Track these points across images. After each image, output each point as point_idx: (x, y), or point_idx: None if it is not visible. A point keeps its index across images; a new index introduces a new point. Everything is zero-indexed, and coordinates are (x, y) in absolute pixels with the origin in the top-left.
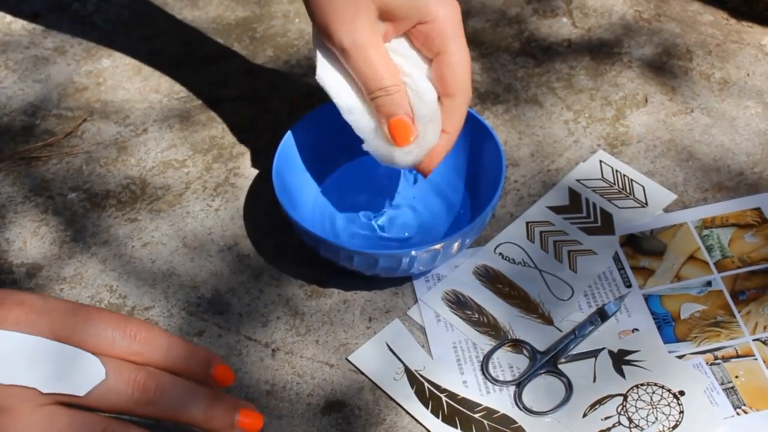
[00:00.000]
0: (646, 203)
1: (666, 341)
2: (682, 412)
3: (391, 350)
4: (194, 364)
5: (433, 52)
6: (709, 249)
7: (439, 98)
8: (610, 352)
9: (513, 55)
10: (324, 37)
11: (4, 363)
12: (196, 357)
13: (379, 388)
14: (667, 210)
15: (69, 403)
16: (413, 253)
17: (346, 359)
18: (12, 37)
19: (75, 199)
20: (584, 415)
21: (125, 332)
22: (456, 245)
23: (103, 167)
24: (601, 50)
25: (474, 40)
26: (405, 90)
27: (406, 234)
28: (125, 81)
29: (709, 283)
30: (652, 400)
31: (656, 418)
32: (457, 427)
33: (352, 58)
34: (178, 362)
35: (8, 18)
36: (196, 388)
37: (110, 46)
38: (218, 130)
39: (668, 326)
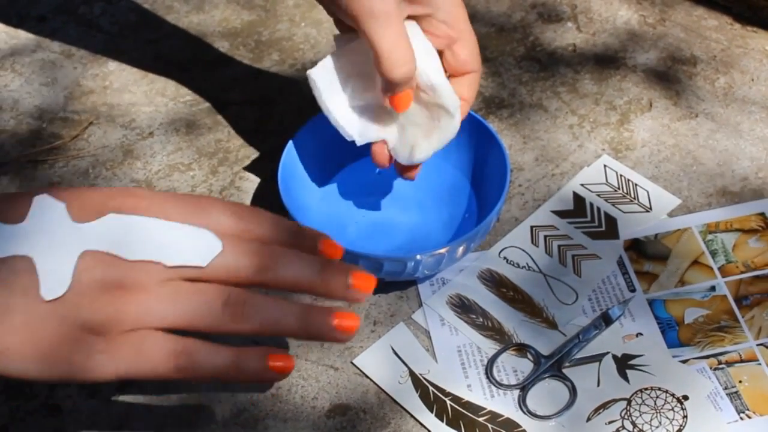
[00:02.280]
0: (651, 208)
1: (670, 346)
2: (685, 416)
3: (395, 354)
4: (302, 238)
5: (450, 39)
6: (713, 254)
7: (452, 76)
8: (614, 357)
9: (518, 59)
10: (339, 5)
11: (129, 242)
12: (303, 231)
13: (384, 391)
14: (671, 215)
15: (191, 278)
16: (418, 257)
17: (351, 363)
18: (19, 40)
19: None
20: (588, 420)
21: (233, 212)
22: (461, 250)
23: (109, 170)
24: (606, 55)
25: (479, 45)
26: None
27: (411, 238)
28: (131, 84)
29: (713, 288)
30: (656, 404)
31: (660, 423)
32: (461, 431)
33: (371, 28)
34: (286, 236)
35: (15, 21)
36: (307, 255)
37: (116, 50)
38: (224, 133)
39: (672, 331)
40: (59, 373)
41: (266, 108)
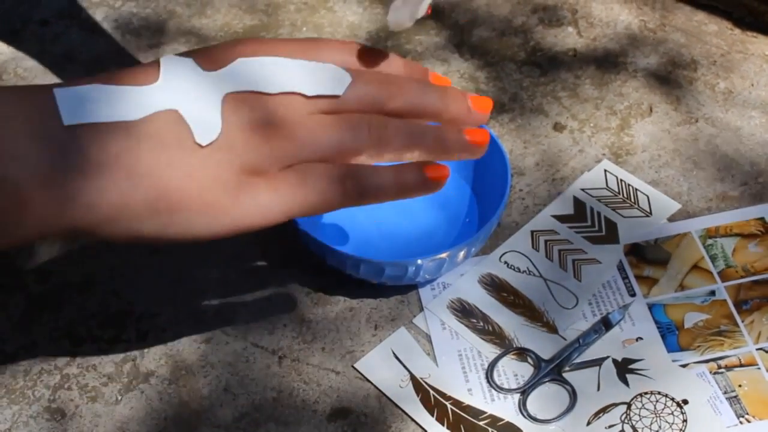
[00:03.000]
0: (651, 213)
1: (670, 350)
2: (685, 420)
3: (396, 358)
4: (411, 70)
5: None
6: (713, 258)
7: None
8: (614, 361)
9: (519, 64)
10: None
11: (265, 79)
12: (411, 64)
13: (385, 395)
14: (671, 219)
15: (328, 111)
16: (419, 261)
17: (352, 367)
18: (21, 44)
19: None
20: (588, 423)
21: (349, 49)
22: (462, 254)
23: None
24: (607, 60)
25: (480, 49)
26: None
27: (412, 242)
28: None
29: (712, 293)
30: (655, 408)
31: (660, 427)
32: None
33: None
34: (398, 68)
35: (18, 25)
36: (427, 81)
37: (119, 55)
38: None
39: (672, 335)
40: (226, 224)
41: None
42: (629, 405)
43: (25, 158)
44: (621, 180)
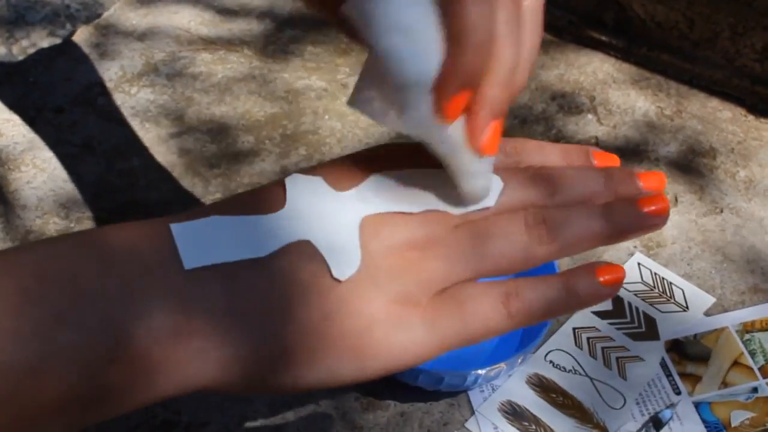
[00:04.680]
0: (687, 307)
1: None
2: None
3: None
4: (576, 158)
5: None
6: (752, 354)
7: None
8: None
9: None
10: None
11: (406, 197)
12: (569, 149)
13: None
14: (707, 313)
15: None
16: (480, 372)
17: None
18: (37, 133)
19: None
20: None
21: (502, 147)
22: (519, 361)
23: None
24: (628, 148)
25: (502, 137)
26: None
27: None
28: (158, 181)
29: (755, 390)
30: None
31: None
32: None
33: None
34: (555, 158)
35: (32, 112)
36: (588, 167)
37: (139, 144)
38: None
39: None
40: (374, 368)
41: None
42: None
43: (149, 316)
44: (655, 274)
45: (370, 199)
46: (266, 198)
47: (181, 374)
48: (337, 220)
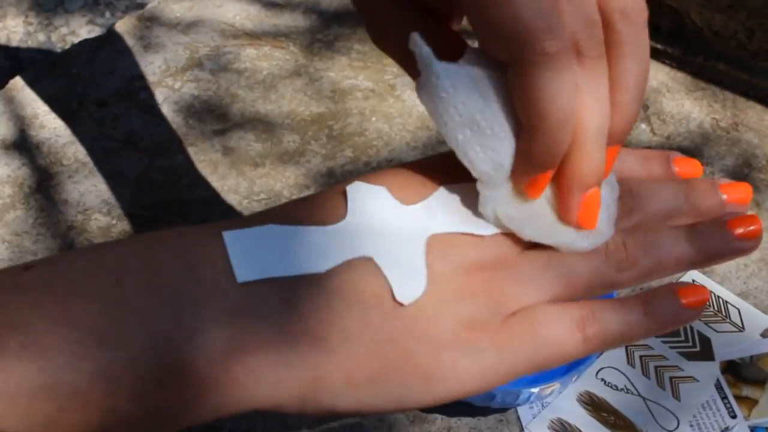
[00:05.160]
0: (743, 327)
1: None
2: None
3: None
4: (655, 166)
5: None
6: None
7: None
8: None
9: None
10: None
11: (478, 215)
12: (649, 155)
13: None
14: (764, 335)
15: None
16: (533, 390)
17: None
18: (80, 126)
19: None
20: None
21: None
22: (573, 380)
23: None
24: None
25: None
26: None
27: None
28: (201, 179)
29: None
30: None
31: None
32: None
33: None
34: (634, 168)
35: (74, 105)
36: (669, 178)
37: (182, 140)
38: None
39: None
40: (438, 395)
41: None
42: None
43: (200, 334)
44: (710, 292)
45: (437, 215)
46: (326, 206)
47: (233, 395)
48: (402, 236)
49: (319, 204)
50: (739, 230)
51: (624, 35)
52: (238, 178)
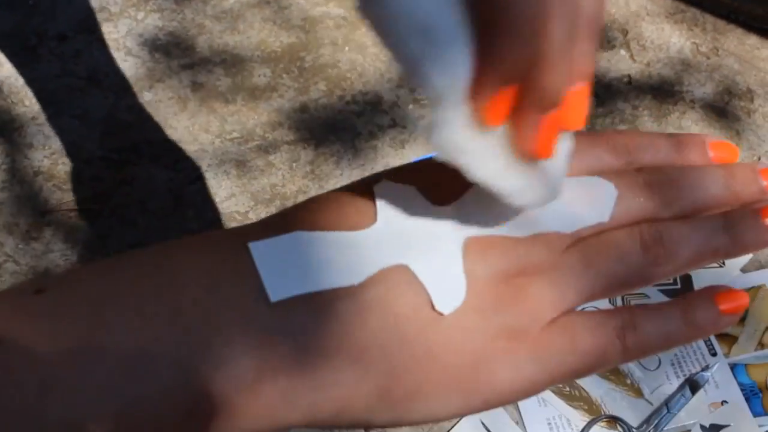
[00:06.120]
0: (723, 263)
1: (755, 414)
2: None
3: (486, 429)
4: (684, 149)
5: None
6: None
7: None
8: (702, 427)
9: None
10: None
11: (519, 216)
12: (682, 140)
13: None
14: (744, 270)
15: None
16: None
17: None
18: (40, 63)
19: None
20: None
21: (607, 146)
22: None
23: (160, 220)
24: (663, 88)
25: None
26: None
27: None
28: (171, 118)
29: None
30: None
31: None
32: None
33: None
34: (670, 154)
35: (33, 40)
36: (705, 164)
37: (150, 77)
38: (278, 177)
39: (756, 398)
40: (475, 406)
41: (319, 147)
42: None
43: (230, 362)
44: None
45: (473, 216)
46: (354, 208)
47: (266, 419)
48: (437, 241)
49: (346, 205)
50: None
51: None
52: (208, 116)
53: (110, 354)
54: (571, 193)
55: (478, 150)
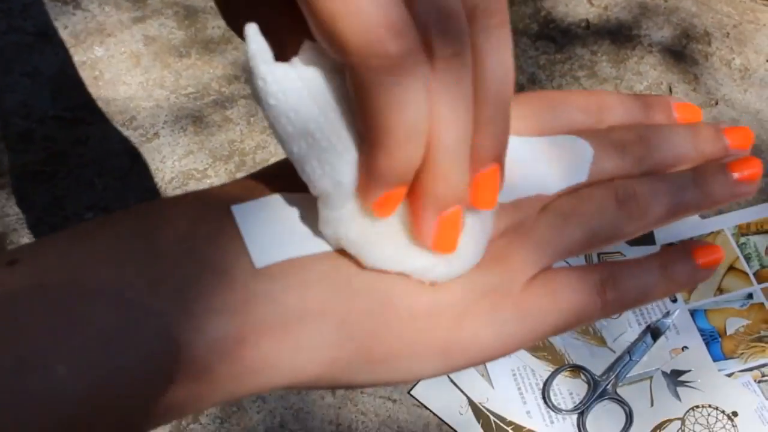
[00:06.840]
0: None
1: (715, 359)
2: None
3: (452, 382)
4: (657, 113)
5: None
6: (748, 258)
7: None
8: (664, 373)
9: (533, 38)
10: None
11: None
12: (649, 101)
13: (446, 423)
14: (703, 216)
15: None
16: None
17: (409, 393)
18: None
19: (93, 218)
20: None
21: (578, 105)
22: None
23: (117, 180)
24: (620, 33)
25: None
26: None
27: None
28: (124, 74)
29: (750, 296)
30: (708, 422)
31: None
32: None
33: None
34: (637, 114)
35: None
36: (672, 123)
37: (100, 31)
38: (236, 132)
39: (715, 342)
40: (459, 363)
41: None
42: (683, 420)
43: (211, 329)
44: None
45: None
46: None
47: (249, 382)
48: None
49: None
50: (740, 173)
51: (481, 26)
52: (162, 71)
53: (90, 325)
54: (550, 154)
55: (371, 239)
